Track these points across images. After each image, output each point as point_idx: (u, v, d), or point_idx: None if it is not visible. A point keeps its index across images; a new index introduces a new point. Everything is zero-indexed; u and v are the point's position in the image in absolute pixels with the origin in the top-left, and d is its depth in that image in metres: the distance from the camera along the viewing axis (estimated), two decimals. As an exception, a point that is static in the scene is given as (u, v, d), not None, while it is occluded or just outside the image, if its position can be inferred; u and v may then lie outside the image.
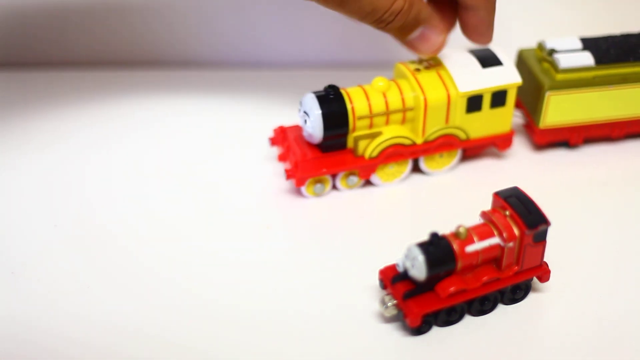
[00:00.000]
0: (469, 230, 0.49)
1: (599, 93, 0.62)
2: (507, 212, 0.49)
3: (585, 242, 0.56)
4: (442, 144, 0.61)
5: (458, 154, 0.63)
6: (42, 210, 0.58)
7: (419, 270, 0.47)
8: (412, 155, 0.61)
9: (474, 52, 0.61)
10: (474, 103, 0.60)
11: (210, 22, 0.76)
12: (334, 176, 0.60)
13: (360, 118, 0.58)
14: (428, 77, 0.59)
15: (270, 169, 0.63)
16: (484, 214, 0.50)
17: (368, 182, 0.61)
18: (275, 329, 0.49)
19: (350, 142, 0.60)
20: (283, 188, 0.61)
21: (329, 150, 0.59)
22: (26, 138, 0.66)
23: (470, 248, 0.48)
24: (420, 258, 0.47)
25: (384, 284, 0.50)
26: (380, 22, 0.55)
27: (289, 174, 0.58)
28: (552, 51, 0.63)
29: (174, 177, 0.62)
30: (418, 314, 0.47)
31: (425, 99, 0.58)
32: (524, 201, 0.50)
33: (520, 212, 0.49)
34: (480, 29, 0.60)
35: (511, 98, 0.61)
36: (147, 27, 0.76)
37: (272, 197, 0.60)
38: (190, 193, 0.60)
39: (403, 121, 0.60)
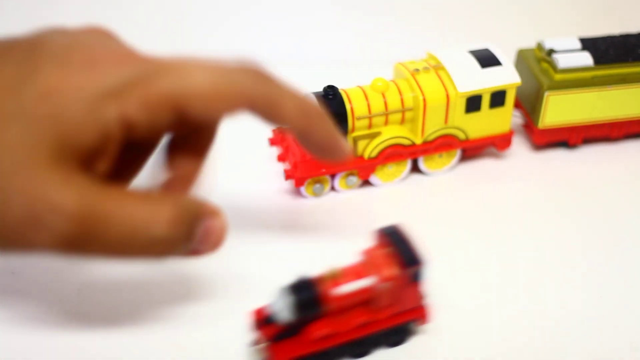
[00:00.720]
0: (342, 271, 0.45)
1: (598, 93, 0.63)
2: (386, 250, 0.46)
3: (585, 242, 0.56)
4: (441, 144, 0.61)
5: (457, 154, 0.63)
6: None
7: (282, 313, 0.44)
8: (411, 155, 0.61)
9: (473, 53, 0.61)
10: (473, 103, 0.60)
11: (210, 21, 0.76)
12: (333, 176, 0.60)
13: (359, 118, 0.58)
14: (427, 78, 0.59)
15: (270, 169, 0.63)
16: (364, 252, 0.47)
17: (367, 182, 0.61)
18: (274, 329, 0.50)
19: (349, 142, 0.60)
20: (282, 188, 0.61)
21: (328, 150, 0.59)
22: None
23: (338, 291, 0.44)
24: (282, 302, 0.44)
25: (256, 325, 0.46)
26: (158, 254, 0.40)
27: (288, 174, 0.58)
28: (551, 51, 0.63)
29: (174, 177, 0.62)
30: (282, 359, 0.44)
31: (424, 99, 0.58)
32: (403, 239, 0.47)
33: (399, 251, 0.46)
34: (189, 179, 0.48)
35: (510, 98, 0.61)
36: (147, 26, 0.76)
37: (272, 198, 0.60)
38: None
39: (402, 121, 0.60)
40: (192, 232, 0.41)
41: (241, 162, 0.64)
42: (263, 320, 0.46)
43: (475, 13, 0.77)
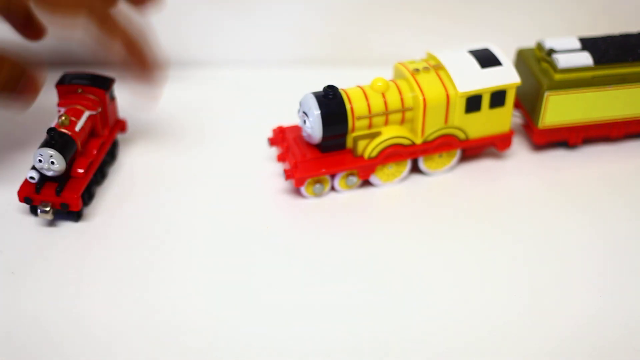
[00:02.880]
0: (69, 116, 0.57)
1: (598, 93, 0.63)
2: (79, 90, 0.59)
3: (585, 242, 0.56)
4: (441, 144, 0.61)
5: (457, 154, 0.63)
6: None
7: (56, 164, 0.54)
8: (411, 155, 0.61)
9: (473, 52, 0.61)
10: (473, 103, 0.60)
11: (210, 21, 0.76)
12: (333, 176, 0.60)
13: (360, 118, 0.58)
14: (427, 78, 0.59)
15: (270, 169, 0.63)
16: (62, 104, 0.59)
17: (367, 183, 0.61)
18: (274, 328, 0.50)
19: (349, 143, 0.60)
20: (282, 188, 0.61)
21: (328, 150, 0.59)
22: (26, 136, 0.66)
23: (77, 127, 0.57)
24: (51, 152, 0.54)
25: (31, 200, 0.56)
26: None
27: (288, 174, 0.58)
28: (551, 51, 0.63)
29: (173, 177, 0.62)
30: (76, 197, 0.55)
31: (424, 99, 0.58)
32: (82, 77, 0.60)
33: (90, 83, 0.59)
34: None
35: (510, 98, 0.61)
36: (146, 26, 0.76)
37: (272, 198, 0.60)
38: (189, 193, 0.60)
39: (402, 121, 0.60)
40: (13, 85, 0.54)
41: (241, 162, 0.64)
42: (33, 190, 0.56)
43: (475, 13, 0.77)
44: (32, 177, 0.56)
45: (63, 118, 0.57)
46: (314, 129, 0.58)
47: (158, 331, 0.49)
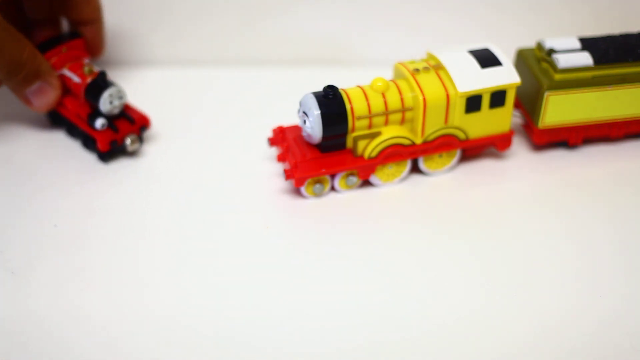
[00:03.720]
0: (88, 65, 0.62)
1: (598, 93, 0.63)
2: (64, 49, 0.64)
3: (585, 242, 0.56)
4: (441, 144, 0.61)
5: (457, 154, 0.63)
6: (42, 210, 0.58)
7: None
8: (411, 155, 0.61)
9: (473, 52, 0.61)
10: (473, 103, 0.60)
11: (210, 21, 0.76)
12: (333, 176, 0.60)
13: (359, 118, 0.58)
14: (427, 78, 0.59)
15: (270, 169, 0.63)
16: (60, 66, 0.63)
17: (367, 183, 0.61)
18: (274, 328, 0.50)
19: (349, 143, 0.60)
20: (282, 188, 0.61)
21: (328, 150, 0.59)
22: (26, 136, 0.66)
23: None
24: None
25: (115, 143, 0.62)
26: (10, 72, 0.59)
27: (288, 174, 0.58)
28: (551, 51, 0.63)
29: (173, 177, 0.62)
30: (145, 117, 0.64)
31: (424, 99, 0.58)
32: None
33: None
34: (98, 39, 0.68)
35: (510, 98, 0.61)
36: (147, 26, 0.76)
37: (272, 198, 0.60)
38: (189, 193, 0.60)
39: (402, 121, 0.60)
40: (30, 78, 0.60)
41: (241, 162, 0.64)
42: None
43: (475, 13, 0.77)
44: (103, 124, 0.61)
45: (87, 68, 0.62)
46: (314, 129, 0.58)
47: (158, 331, 0.49)
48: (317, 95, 0.58)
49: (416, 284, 0.53)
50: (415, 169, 0.63)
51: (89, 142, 0.63)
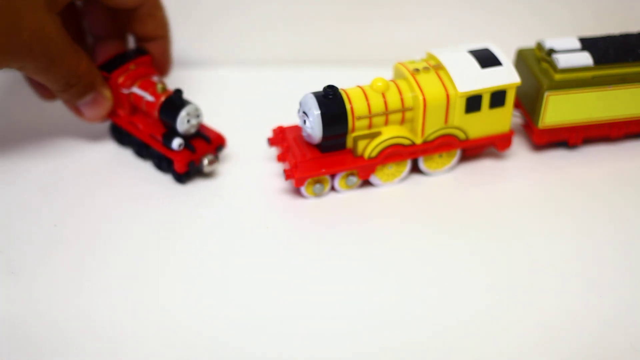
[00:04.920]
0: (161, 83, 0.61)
1: (598, 93, 0.63)
2: (132, 67, 0.62)
3: (586, 242, 0.56)
4: (441, 144, 0.61)
5: (457, 154, 0.63)
6: (42, 210, 0.58)
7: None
8: (411, 155, 0.61)
9: (473, 52, 0.61)
10: (473, 103, 0.60)
11: (210, 21, 0.76)
12: (333, 176, 0.60)
13: (359, 118, 0.58)
14: (427, 78, 0.59)
15: (270, 169, 0.63)
16: (129, 85, 0.61)
17: (367, 183, 0.61)
18: (274, 328, 0.50)
19: (349, 143, 0.60)
20: (282, 188, 0.61)
21: (328, 150, 0.59)
22: (27, 137, 0.66)
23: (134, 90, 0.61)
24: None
25: (193, 164, 0.60)
26: (67, 84, 0.58)
27: (288, 174, 0.58)
28: (551, 51, 0.63)
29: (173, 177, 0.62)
30: (221, 136, 0.63)
31: (424, 99, 0.58)
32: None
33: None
34: (164, 57, 0.66)
35: (510, 98, 0.61)
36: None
37: (272, 198, 0.60)
38: (189, 193, 0.60)
39: (402, 121, 0.60)
40: (85, 89, 0.60)
41: (241, 162, 0.64)
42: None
43: (475, 13, 0.77)
44: (180, 145, 0.59)
45: (160, 85, 0.60)
46: (314, 129, 0.58)
47: (158, 330, 0.49)
48: (317, 95, 0.58)
49: (416, 284, 0.53)
50: (415, 169, 0.63)
51: (163, 163, 0.61)
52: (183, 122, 0.58)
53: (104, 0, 0.60)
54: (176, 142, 0.58)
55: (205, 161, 0.60)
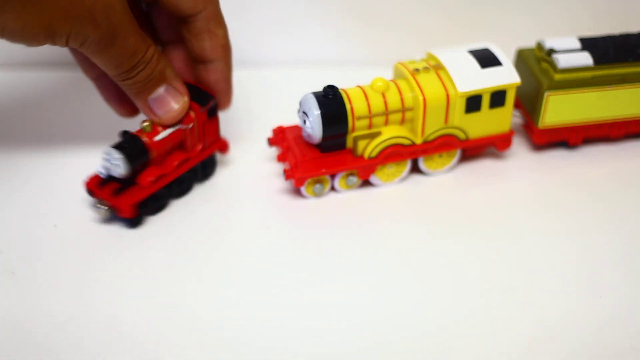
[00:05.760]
0: (152, 124, 0.56)
1: (598, 93, 0.63)
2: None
3: (586, 242, 0.56)
4: (441, 144, 0.61)
5: (457, 154, 0.63)
6: (42, 210, 0.58)
7: (119, 167, 0.54)
8: (411, 155, 0.61)
9: (473, 53, 0.61)
10: (473, 103, 0.60)
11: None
12: (333, 176, 0.60)
13: (359, 118, 0.58)
14: (427, 78, 0.59)
15: (269, 169, 0.63)
16: None
17: (367, 183, 0.61)
18: (274, 328, 0.50)
19: (349, 143, 0.60)
20: (282, 188, 0.61)
21: (328, 150, 0.59)
22: (27, 137, 0.66)
23: (158, 137, 0.55)
24: (117, 155, 0.53)
25: (92, 193, 0.55)
26: (133, 69, 0.53)
27: (288, 174, 0.58)
28: (551, 51, 0.63)
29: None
30: (128, 205, 0.54)
31: (424, 99, 0.58)
32: (191, 87, 0.57)
33: (191, 96, 0.56)
34: (220, 85, 0.59)
35: (510, 98, 0.61)
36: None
37: (272, 198, 0.60)
38: (189, 193, 0.60)
39: (402, 121, 0.60)
40: (155, 80, 0.54)
41: (241, 162, 0.64)
42: (98, 184, 0.56)
43: (475, 13, 0.77)
44: (101, 172, 0.56)
45: (146, 124, 0.55)
46: (314, 129, 0.58)
47: (157, 330, 0.49)
48: (317, 95, 0.58)
49: (416, 284, 0.53)
50: (415, 169, 0.63)
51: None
52: (103, 155, 0.55)
53: (163, 5, 0.56)
54: (101, 167, 0.55)
55: (94, 205, 0.56)
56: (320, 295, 0.52)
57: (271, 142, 0.63)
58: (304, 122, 0.58)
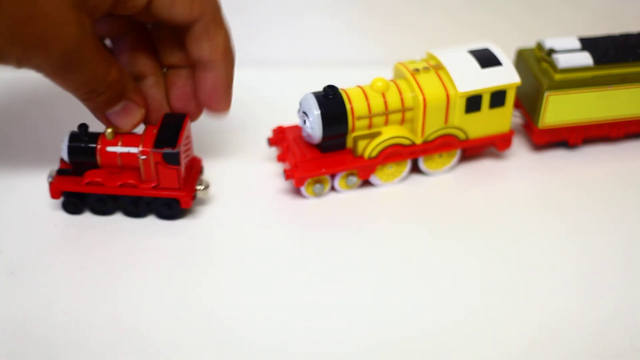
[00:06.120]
0: (118, 135, 0.56)
1: (598, 93, 0.63)
2: (155, 131, 0.56)
3: (586, 242, 0.56)
4: (441, 144, 0.61)
5: (457, 154, 0.63)
6: (42, 211, 0.58)
7: (63, 152, 0.56)
8: (411, 155, 0.61)
9: (473, 52, 0.61)
10: (473, 103, 0.60)
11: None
12: (333, 176, 0.60)
13: (359, 118, 0.58)
14: (427, 78, 0.59)
15: (269, 169, 0.63)
16: (148, 128, 0.57)
17: (367, 183, 0.61)
18: (274, 328, 0.50)
19: (349, 143, 0.60)
20: (282, 188, 0.61)
21: (328, 150, 0.59)
22: (27, 137, 0.66)
23: (110, 149, 0.55)
24: (64, 144, 0.56)
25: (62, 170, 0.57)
26: (92, 92, 0.53)
27: (288, 174, 0.58)
28: (551, 51, 0.63)
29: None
30: (57, 189, 0.56)
31: (424, 99, 0.58)
32: (173, 125, 0.56)
33: (160, 132, 0.55)
34: (218, 90, 0.57)
35: (510, 98, 0.61)
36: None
37: (272, 198, 0.60)
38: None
39: (402, 121, 0.60)
40: (114, 99, 0.54)
41: (241, 162, 0.64)
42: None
43: (475, 13, 0.77)
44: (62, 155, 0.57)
45: (109, 131, 0.55)
46: (314, 129, 0.58)
47: (158, 330, 0.49)
48: (317, 95, 0.58)
49: (416, 284, 0.53)
50: (415, 169, 0.63)
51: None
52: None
53: (156, 15, 0.53)
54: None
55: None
56: (321, 295, 0.52)
57: (271, 142, 0.63)
58: (304, 122, 0.58)
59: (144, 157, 0.55)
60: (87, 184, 0.56)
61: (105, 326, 0.49)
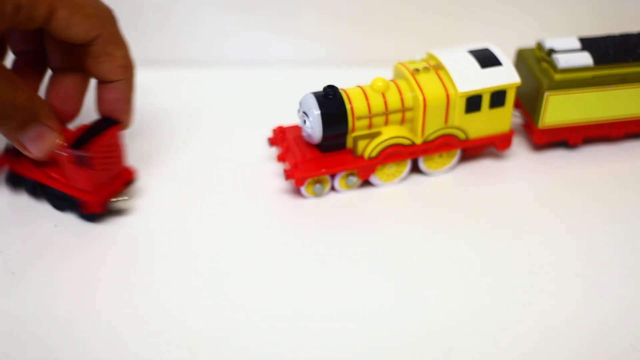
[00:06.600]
0: (63, 127, 0.55)
1: (598, 93, 0.63)
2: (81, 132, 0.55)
3: (586, 242, 0.56)
4: (441, 144, 0.61)
5: (457, 154, 0.63)
6: (42, 211, 0.58)
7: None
8: (411, 155, 0.61)
9: (473, 52, 0.61)
10: (473, 103, 0.60)
11: (210, 21, 0.76)
12: (333, 176, 0.60)
13: (359, 118, 0.58)
14: (427, 78, 0.59)
15: (270, 169, 0.63)
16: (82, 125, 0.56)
17: (367, 183, 0.61)
18: (274, 328, 0.50)
19: (349, 143, 0.60)
20: (282, 188, 0.61)
21: (328, 150, 0.59)
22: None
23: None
24: None
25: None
26: (1, 117, 0.51)
27: (288, 174, 0.58)
28: (551, 51, 0.63)
29: (173, 177, 0.62)
30: (1, 161, 0.58)
31: (424, 99, 0.58)
32: (98, 129, 0.56)
33: (84, 133, 0.55)
34: (120, 104, 0.57)
35: (510, 98, 0.61)
36: (147, 26, 0.76)
37: (272, 198, 0.60)
38: (189, 193, 0.60)
39: (402, 121, 0.60)
40: (25, 123, 0.53)
41: (241, 162, 0.64)
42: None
43: (475, 13, 0.77)
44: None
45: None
46: (314, 129, 0.58)
47: (159, 330, 0.49)
48: (317, 95, 0.58)
49: (416, 285, 0.53)
50: (415, 169, 0.63)
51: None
52: None
53: (53, 34, 0.53)
54: None
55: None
56: (320, 295, 0.52)
57: (271, 142, 0.63)
58: (304, 122, 0.58)
59: (59, 152, 0.55)
60: (20, 166, 0.57)
61: (105, 326, 0.49)
